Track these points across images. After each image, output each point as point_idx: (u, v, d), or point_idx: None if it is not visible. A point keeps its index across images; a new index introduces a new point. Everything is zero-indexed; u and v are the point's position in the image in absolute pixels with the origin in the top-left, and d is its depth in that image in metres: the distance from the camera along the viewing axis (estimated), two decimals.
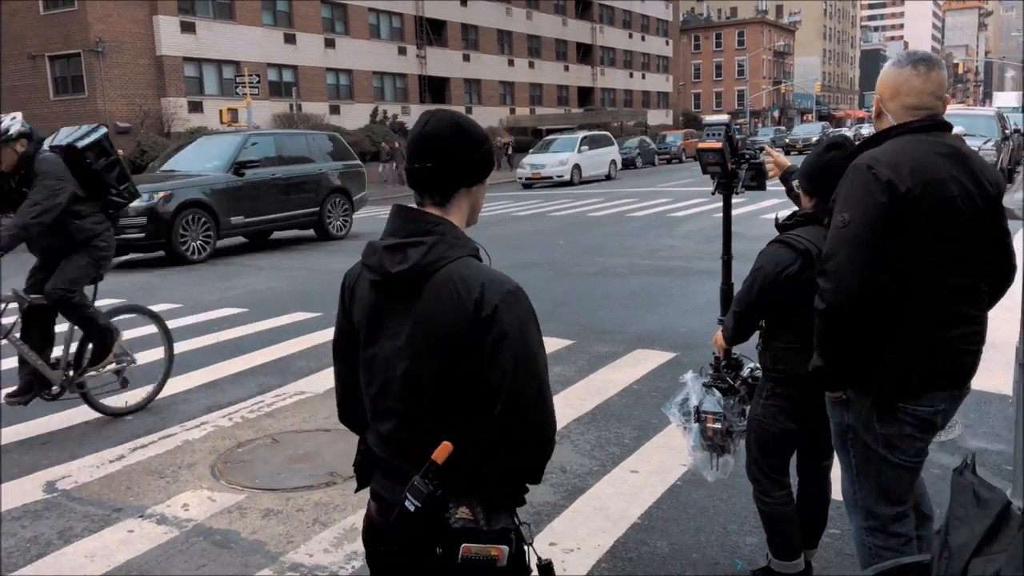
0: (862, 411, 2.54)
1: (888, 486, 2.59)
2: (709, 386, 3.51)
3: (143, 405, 6.26)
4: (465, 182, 1.90)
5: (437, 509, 1.76)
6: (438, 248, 1.80)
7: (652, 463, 4.83)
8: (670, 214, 19.13)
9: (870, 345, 2.43)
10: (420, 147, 1.86)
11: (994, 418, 5.12)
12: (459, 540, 1.75)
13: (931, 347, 2.44)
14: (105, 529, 4.25)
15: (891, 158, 2.38)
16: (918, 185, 2.34)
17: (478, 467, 1.80)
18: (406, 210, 1.89)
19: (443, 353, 1.78)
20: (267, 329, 8.80)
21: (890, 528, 2.61)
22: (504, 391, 1.75)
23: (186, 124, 33.65)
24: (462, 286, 1.77)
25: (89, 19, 31.06)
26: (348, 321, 1.98)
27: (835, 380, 2.56)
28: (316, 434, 5.52)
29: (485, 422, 1.79)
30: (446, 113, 1.91)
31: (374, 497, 1.98)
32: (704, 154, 3.71)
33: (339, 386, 2.10)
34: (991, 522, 1.87)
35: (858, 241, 2.34)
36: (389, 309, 1.86)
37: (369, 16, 43.59)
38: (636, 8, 69.47)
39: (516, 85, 54.64)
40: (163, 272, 13.52)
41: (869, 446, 2.55)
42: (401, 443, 1.87)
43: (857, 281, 2.34)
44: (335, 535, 4.09)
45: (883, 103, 2.56)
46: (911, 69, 2.49)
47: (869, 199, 2.35)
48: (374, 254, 1.86)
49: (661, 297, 9.67)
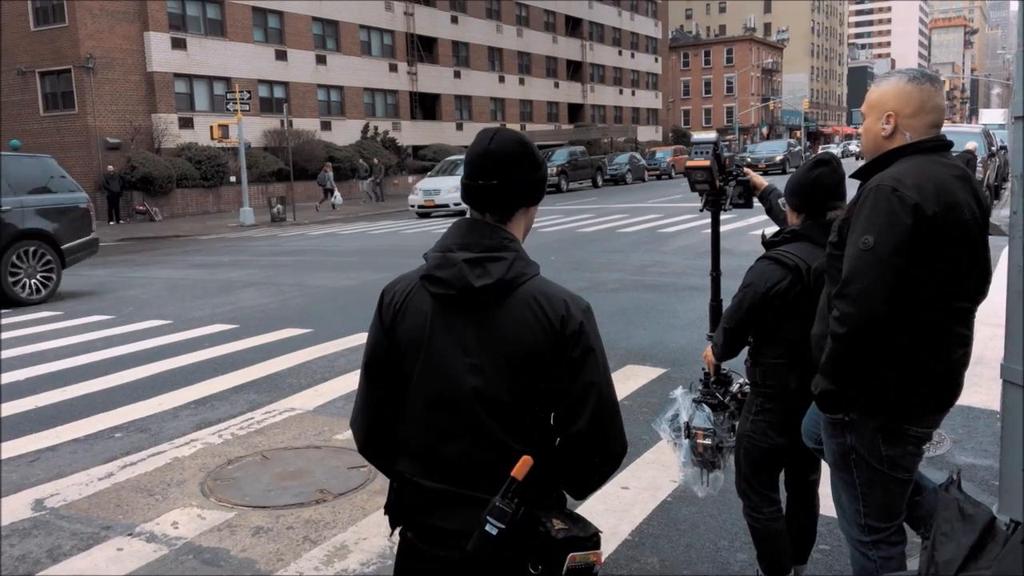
0: (866, 433, 2.52)
1: (893, 502, 2.60)
2: (699, 402, 3.52)
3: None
4: (525, 201, 1.90)
5: (525, 527, 1.72)
6: (518, 264, 1.80)
7: (643, 479, 4.83)
8: (660, 230, 19.20)
9: (879, 368, 2.42)
10: (485, 164, 1.83)
11: (982, 434, 5.14)
12: (566, 551, 1.73)
13: (939, 371, 2.44)
14: (94, 547, 4.23)
15: (915, 180, 2.33)
16: (941, 208, 2.32)
17: (554, 479, 1.81)
18: (480, 224, 1.86)
19: (524, 368, 1.77)
20: (257, 345, 8.78)
21: (892, 539, 2.63)
22: (590, 403, 1.77)
23: (177, 140, 33.67)
24: (546, 303, 1.78)
25: (80, 35, 31.06)
26: (388, 339, 1.90)
27: (841, 403, 2.52)
28: (306, 451, 5.51)
29: (555, 435, 1.80)
30: (510, 132, 1.88)
31: (425, 533, 1.85)
32: (692, 172, 3.74)
33: (369, 410, 1.97)
34: (976, 537, 1.89)
35: (884, 264, 2.29)
36: (457, 325, 1.81)
37: (360, 33, 43.75)
38: (625, 26, 69.96)
39: (507, 101, 54.86)
40: (147, 286, 13.49)
41: (874, 467, 2.54)
42: (470, 465, 1.80)
43: (884, 305, 2.29)
44: (325, 553, 4.08)
45: (901, 119, 2.48)
46: (931, 86, 2.47)
47: (895, 221, 2.29)
48: (450, 266, 1.79)
49: (651, 313, 9.70)
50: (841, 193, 3.11)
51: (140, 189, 30.86)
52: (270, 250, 19.36)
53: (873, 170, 2.48)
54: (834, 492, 2.77)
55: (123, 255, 19.84)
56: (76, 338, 9.59)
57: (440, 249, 1.84)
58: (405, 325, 1.86)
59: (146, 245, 22.68)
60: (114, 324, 10.40)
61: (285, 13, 39.28)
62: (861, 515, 2.62)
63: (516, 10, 55.71)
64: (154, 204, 31.07)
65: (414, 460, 1.87)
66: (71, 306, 11.98)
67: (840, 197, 3.10)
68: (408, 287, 1.89)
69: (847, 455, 2.59)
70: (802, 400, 2.95)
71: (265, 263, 16.64)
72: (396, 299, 1.89)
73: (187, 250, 20.46)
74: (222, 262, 17.15)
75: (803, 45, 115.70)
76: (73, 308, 11.79)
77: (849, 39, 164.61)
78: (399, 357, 1.88)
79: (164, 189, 31.61)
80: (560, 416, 1.79)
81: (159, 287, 13.70)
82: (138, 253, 20.23)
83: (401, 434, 1.90)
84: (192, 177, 33.03)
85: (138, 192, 30.91)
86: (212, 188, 34.11)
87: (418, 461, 1.86)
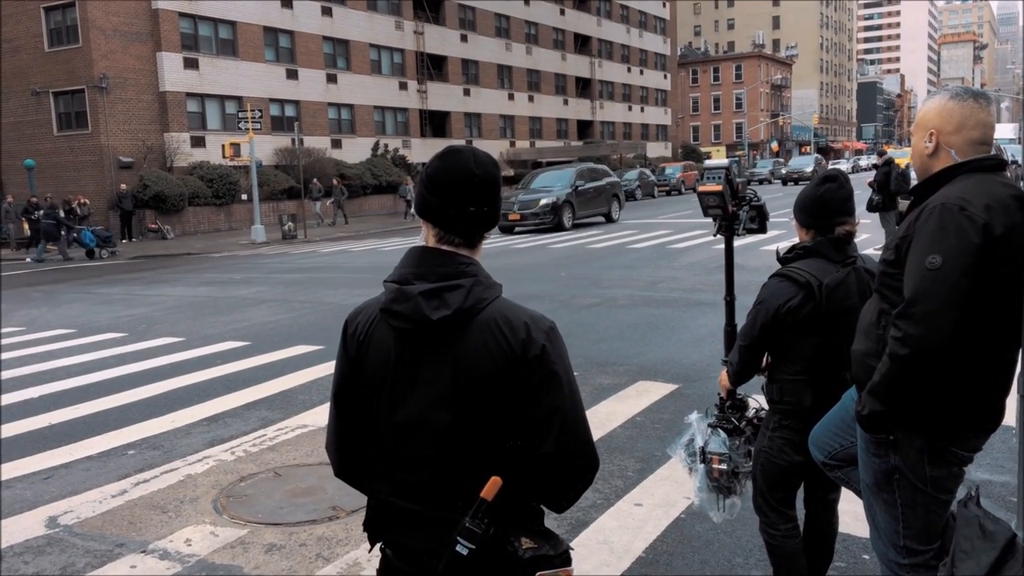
0: (910, 453, 2.45)
1: (934, 523, 2.53)
2: (714, 427, 3.50)
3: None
4: (495, 224, 1.90)
5: (495, 546, 1.74)
6: (476, 290, 1.77)
7: (656, 496, 4.81)
8: (670, 246, 19.19)
9: (932, 391, 2.35)
10: (479, 190, 1.81)
11: (998, 449, 5.11)
12: (534, 570, 1.74)
13: (988, 395, 2.41)
14: (107, 564, 4.23)
15: (982, 200, 2.28)
16: (1006, 229, 2.27)
17: (524, 499, 1.80)
18: (431, 252, 1.83)
19: (488, 394, 1.76)
20: (270, 362, 8.80)
21: (931, 562, 2.56)
22: (554, 427, 1.76)
23: (189, 159, 33.90)
24: (506, 327, 1.76)
25: (93, 56, 31.39)
26: (354, 370, 1.89)
27: (889, 425, 2.44)
28: (319, 468, 5.51)
29: (525, 455, 1.79)
30: (485, 154, 1.86)
31: (400, 551, 1.87)
32: (705, 197, 3.74)
33: (340, 440, 1.96)
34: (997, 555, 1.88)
35: (954, 286, 2.22)
36: (421, 356, 1.79)
37: (370, 52, 44.05)
38: (634, 43, 70.21)
39: (516, 119, 55.06)
40: (167, 303, 13.56)
41: (918, 488, 2.47)
42: (439, 489, 1.80)
43: (952, 328, 2.23)
44: (338, 570, 4.07)
45: (943, 137, 2.44)
46: (973, 102, 2.44)
47: (964, 242, 2.23)
48: (405, 301, 1.77)
49: (663, 329, 9.68)
50: (849, 209, 3.10)
51: (152, 207, 31.06)
52: (281, 267, 19.43)
53: (930, 188, 2.43)
54: (868, 512, 2.68)
55: (135, 273, 19.95)
56: (89, 356, 9.64)
57: (396, 279, 1.82)
58: (370, 357, 1.85)
59: (158, 263, 22.80)
60: (127, 341, 10.45)
61: (296, 32, 39.61)
62: (900, 536, 2.54)
63: (525, 28, 56.01)
64: (166, 222, 31.27)
65: (386, 483, 1.88)
66: (84, 323, 12.04)
67: (848, 213, 3.09)
68: (370, 318, 1.87)
69: (891, 475, 2.51)
70: (818, 417, 2.94)
71: (276, 280, 16.70)
72: (359, 331, 1.88)
73: (199, 267, 20.55)
74: (234, 279, 17.22)
75: (812, 61, 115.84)
76: (86, 325, 11.85)
77: (858, 55, 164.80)
78: (366, 388, 1.87)
79: (176, 207, 31.81)
80: (527, 438, 1.78)
81: (171, 304, 13.76)
82: (150, 271, 20.33)
83: (374, 458, 1.91)
84: (204, 195, 33.23)
85: (150, 210, 31.12)
86: (224, 206, 34.31)
87: (390, 484, 1.87)
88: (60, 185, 31.26)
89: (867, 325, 2.54)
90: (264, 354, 9.21)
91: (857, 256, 3.09)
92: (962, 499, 2.10)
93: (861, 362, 2.52)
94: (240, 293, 14.85)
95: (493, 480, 1.73)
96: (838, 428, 2.85)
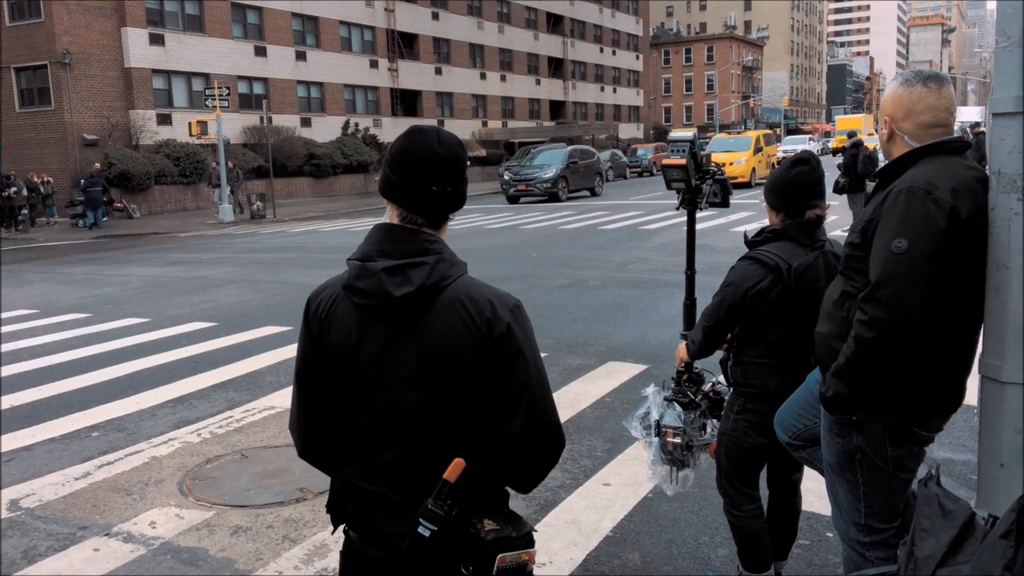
0: (873, 433, 2.48)
1: (895, 502, 2.57)
2: (670, 400, 3.52)
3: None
4: (461, 205, 1.88)
5: (458, 528, 1.73)
6: (440, 267, 1.75)
7: (624, 475, 4.84)
8: (642, 227, 19.24)
9: (897, 373, 2.36)
10: (439, 170, 1.78)
11: (960, 428, 5.19)
12: (496, 552, 1.74)
13: (952, 376, 2.43)
14: (70, 548, 4.18)
15: (948, 183, 2.28)
16: (972, 212, 2.28)
17: (488, 480, 1.79)
18: (396, 229, 1.81)
19: (453, 373, 1.75)
20: (237, 343, 8.71)
21: (892, 540, 2.59)
22: (524, 405, 1.75)
23: (155, 136, 33.34)
24: (471, 305, 1.74)
25: (56, 30, 30.68)
26: (316, 349, 1.86)
27: (853, 407, 2.46)
28: (286, 449, 5.47)
29: (492, 435, 1.78)
30: (449, 133, 1.83)
31: (367, 534, 1.85)
32: (668, 170, 3.72)
33: (303, 420, 1.92)
34: (956, 532, 1.90)
35: (920, 269, 2.23)
36: (386, 334, 1.77)
37: (340, 29, 43.51)
38: (607, 23, 70.01)
39: (488, 98, 54.77)
40: (128, 282, 13.37)
41: (879, 467, 2.50)
42: (406, 471, 1.79)
43: (920, 311, 2.23)
44: (305, 552, 4.05)
45: (895, 123, 2.47)
46: (922, 87, 2.44)
47: (931, 225, 2.23)
48: (368, 276, 1.75)
49: (633, 309, 9.71)
50: (820, 192, 3.11)
51: (118, 186, 30.51)
52: (250, 247, 19.23)
53: (894, 171, 2.44)
54: (830, 491, 2.71)
55: (101, 252, 19.64)
56: (53, 336, 9.49)
57: (360, 257, 1.80)
58: (333, 335, 1.82)
59: (124, 242, 22.46)
60: (92, 322, 10.30)
61: (264, 9, 38.99)
62: (862, 515, 2.58)
63: (497, 7, 55.61)
64: (132, 201, 30.75)
65: (352, 465, 1.86)
66: (47, 304, 11.84)
67: (819, 196, 3.10)
68: (333, 296, 1.84)
69: (852, 455, 2.54)
70: (783, 400, 2.96)
71: (244, 260, 16.52)
72: (322, 308, 1.85)
73: (166, 247, 20.28)
74: (201, 259, 17.02)
75: (783, 43, 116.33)
76: (49, 305, 11.65)
77: (828, 37, 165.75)
78: (329, 367, 1.84)
79: (142, 186, 31.30)
80: (494, 418, 1.77)
81: (138, 285, 13.57)
82: (116, 250, 20.03)
83: (339, 439, 1.88)
84: (170, 174, 32.72)
85: (116, 189, 30.60)
86: (191, 185, 33.83)
87: (356, 466, 1.85)
88: (22, 163, 30.58)
89: (831, 306, 2.56)
90: (231, 335, 9.11)
91: (826, 240, 3.11)
92: (922, 478, 2.11)
93: (825, 344, 2.53)
94: (207, 273, 14.68)
95: (456, 462, 1.72)
96: (802, 409, 2.87)
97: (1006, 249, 2.23)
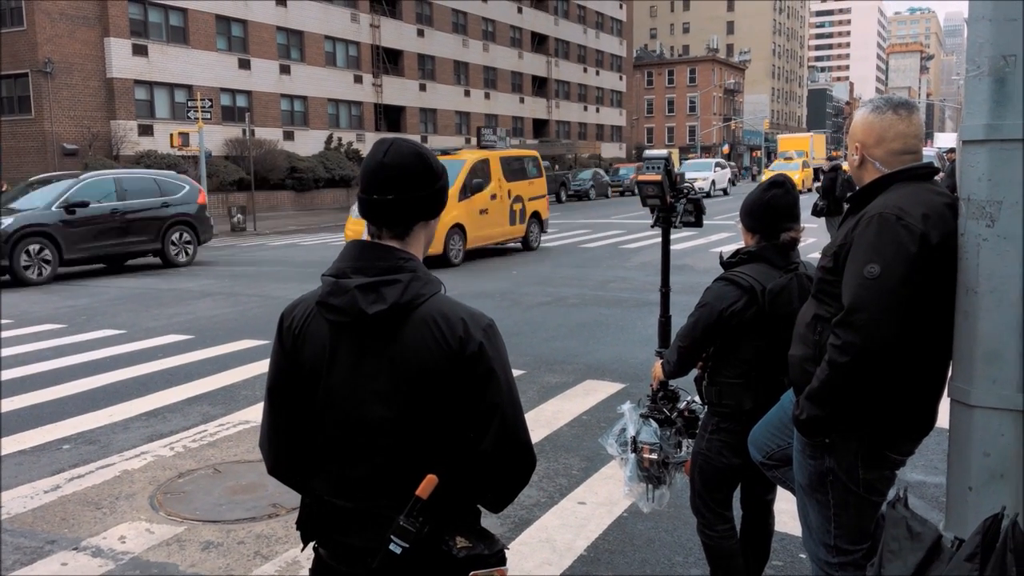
0: (845, 456, 2.49)
1: (865, 524, 2.58)
2: (646, 417, 3.53)
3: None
4: (424, 215, 1.85)
5: (429, 545, 1.72)
6: (414, 285, 1.75)
7: (600, 494, 4.83)
8: (622, 245, 19.32)
9: (870, 397, 2.38)
10: (382, 178, 1.78)
11: (932, 451, 5.23)
12: (468, 569, 1.73)
13: (924, 400, 2.44)
14: (38, 562, 4.11)
15: (919, 209, 2.31)
16: (942, 238, 2.31)
17: (460, 497, 1.79)
18: (371, 246, 1.81)
19: (425, 391, 1.74)
20: (213, 356, 8.65)
21: (860, 561, 2.60)
22: (494, 424, 1.75)
23: (136, 147, 33.15)
24: (444, 324, 1.73)
25: (38, 39, 30.53)
26: (291, 365, 1.85)
27: (826, 430, 2.48)
28: (259, 464, 5.42)
29: (463, 453, 1.77)
30: (407, 143, 1.83)
31: (336, 550, 1.84)
32: (644, 186, 3.75)
33: (274, 436, 1.92)
34: (923, 555, 1.91)
35: (892, 294, 2.25)
36: (359, 351, 1.77)
37: (325, 44, 43.56)
38: (591, 44, 70.54)
39: (472, 115, 54.91)
40: (101, 294, 13.25)
41: (851, 489, 2.52)
42: (377, 486, 1.78)
43: (893, 337, 2.25)
44: (277, 568, 4.01)
45: (866, 150, 2.50)
46: (893, 114, 2.47)
47: (903, 251, 2.26)
48: (341, 294, 1.75)
49: (612, 328, 9.73)
50: (795, 215, 3.14)
51: None
52: (229, 259, 19.12)
53: (866, 197, 2.46)
54: (801, 511, 2.72)
55: None
56: (25, 347, 9.37)
57: (333, 273, 1.79)
58: (306, 351, 1.82)
59: None
60: (65, 333, 10.19)
61: (249, 22, 38.98)
62: (831, 536, 2.59)
63: (482, 25, 55.91)
64: None
65: (323, 480, 1.85)
66: (21, 314, 11.71)
67: (794, 219, 3.13)
68: (306, 312, 1.84)
69: (824, 476, 2.55)
70: (757, 420, 2.97)
71: (223, 273, 16.43)
72: (295, 324, 1.85)
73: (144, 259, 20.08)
74: (179, 271, 16.90)
75: (764, 67, 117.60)
76: (23, 316, 11.52)
77: (809, 62, 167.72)
78: (301, 383, 1.83)
79: None
80: (465, 436, 1.77)
81: (113, 296, 13.45)
82: None
83: (309, 455, 1.87)
84: None
85: None
86: None
87: (327, 481, 1.84)
88: None
89: (804, 329, 2.58)
90: (208, 348, 9.04)
91: (800, 262, 3.14)
92: (891, 500, 2.13)
93: (798, 367, 2.55)
94: (185, 285, 14.57)
95: (428, 478, 1.71)
96: (776, 429, 2.88)
97: (975, 274, 2.26)
